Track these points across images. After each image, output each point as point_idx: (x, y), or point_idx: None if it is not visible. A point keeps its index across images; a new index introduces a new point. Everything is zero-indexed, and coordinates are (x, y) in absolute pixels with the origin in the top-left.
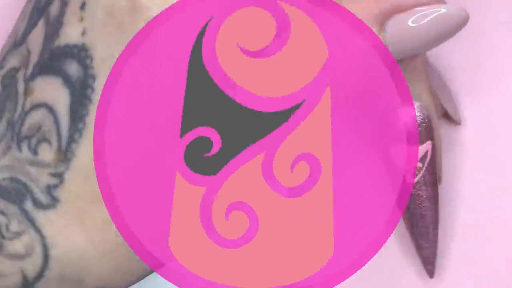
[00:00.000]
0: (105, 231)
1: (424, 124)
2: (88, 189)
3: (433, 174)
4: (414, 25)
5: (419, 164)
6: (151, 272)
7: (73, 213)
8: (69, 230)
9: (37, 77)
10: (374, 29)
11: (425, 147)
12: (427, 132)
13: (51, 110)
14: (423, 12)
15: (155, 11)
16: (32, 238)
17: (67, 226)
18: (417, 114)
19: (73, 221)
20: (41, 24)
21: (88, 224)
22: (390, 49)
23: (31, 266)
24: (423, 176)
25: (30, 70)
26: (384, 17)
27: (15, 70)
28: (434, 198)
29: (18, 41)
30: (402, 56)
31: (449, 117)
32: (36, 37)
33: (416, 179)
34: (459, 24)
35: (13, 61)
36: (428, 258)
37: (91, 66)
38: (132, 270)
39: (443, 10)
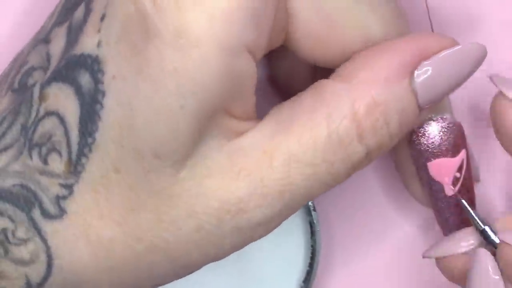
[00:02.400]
0: (111, 249)
1: (459, 133)
2: (96, 204)
3: (470, 180)
4: (440, 71)
5: (457, 174)
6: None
7: (79, 226)
8: (74, 243)
9: (52, 83)
10: (405, 80)
11: (461, 156)
12: (461, 141)
13: (62, 120)
14: (445, 53)
15: (168, 38)
16: (38, 247)
17: (72, 239)
18: (451, 125)
19: (79, 234)
20: (65, 27)
21: (93, 240)
22: (419, 97)
23: (35, 272)
24: (461, 184)
25: (47, 75)
26: (413, 67)
27: (33, 69)
28: (471, 202)
29: (42, 38)
30: (430, 103)
31: None
32: (58, 40)
33: (456, 189)
34: (480, 58)
35: (34, 60)
36: None
37: (101, 81)
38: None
39: (464, 48)
